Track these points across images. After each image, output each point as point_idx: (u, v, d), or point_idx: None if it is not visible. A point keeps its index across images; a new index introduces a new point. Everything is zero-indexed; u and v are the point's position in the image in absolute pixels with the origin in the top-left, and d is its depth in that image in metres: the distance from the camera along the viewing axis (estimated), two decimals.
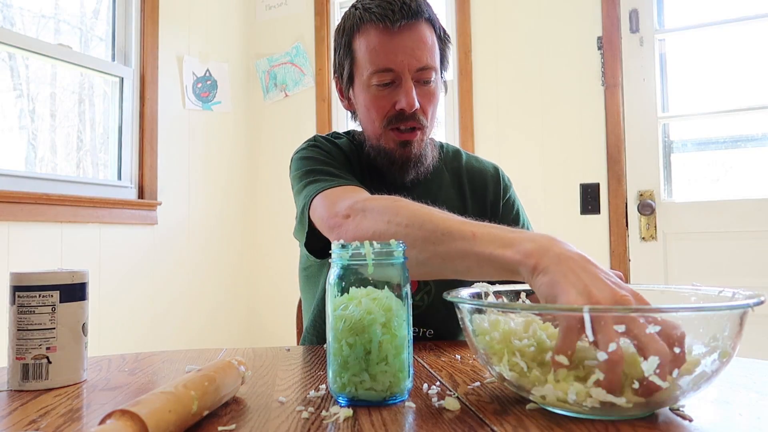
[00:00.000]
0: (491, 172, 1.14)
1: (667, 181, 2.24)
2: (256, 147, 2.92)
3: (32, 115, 2.16)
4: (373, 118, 0.99)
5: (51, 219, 1.95)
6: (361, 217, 0.79)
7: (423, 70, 0.96)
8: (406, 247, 0.59)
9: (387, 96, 0.97)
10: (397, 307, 0.56)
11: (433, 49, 0.98)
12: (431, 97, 0.99)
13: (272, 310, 2.82)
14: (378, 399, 0.56)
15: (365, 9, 0.97)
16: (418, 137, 0.99)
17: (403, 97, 0.95)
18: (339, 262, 0.58)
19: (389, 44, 0.94)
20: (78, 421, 0.53)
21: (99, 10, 2.39)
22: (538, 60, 2.40)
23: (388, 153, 1.00)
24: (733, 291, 0.56)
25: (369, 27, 0.96)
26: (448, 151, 1.16)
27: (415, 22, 0.95)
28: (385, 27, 0.94)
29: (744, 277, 2.05)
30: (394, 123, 0.98)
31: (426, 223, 0.72)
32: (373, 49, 0.95)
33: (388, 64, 0.94)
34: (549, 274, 0.57)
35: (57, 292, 0.66)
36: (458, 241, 0.68)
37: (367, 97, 0.99)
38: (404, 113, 0.96)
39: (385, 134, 0.99)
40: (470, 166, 1.14)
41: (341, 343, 0.56)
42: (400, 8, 0.93)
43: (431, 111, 1.00)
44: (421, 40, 0.95)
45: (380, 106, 0.97)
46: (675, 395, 0.49)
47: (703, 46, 2.24)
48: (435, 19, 0.99)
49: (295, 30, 2.84)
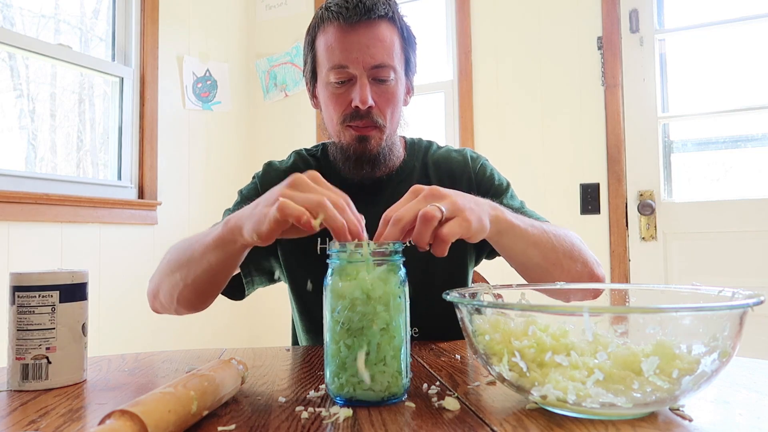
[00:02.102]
0: (457, 157, 1.11)
1: (667, 181, 2.24)
2: (256, 147, 2.92)
3: (32, 115, 2.16)
4: (331, 115, 1.00)
5: (51, 219, 1.95)
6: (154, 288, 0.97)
7: (378, 67, 0.95)
8: (404, 247, 0.59)
9: (343, 93, 0.97)
10: (394, 308, 0.56)
11: (392, 48, 0.96)
12: (389, 96, 0.97)
13: (272, 309, 2.82)
14: (376, 399, 0.55)
15: (326, 8, 0.97)
16: (377, 135, 0.98)
17: (357, 94, 0.94)
18: (336, 263, 0.58)
19: (343, 41, 0.94)
20: (78, 421, 0.53)
21: (99, 10, 2.39)
22: (538, 60, 2.40)
23: (344, 148, 1.00)
24: (733, 291, 0.56)
25: (327, 25, 0.96)
26: (419, 146, 1.14)
27: (372, 21, 0.94)
28: (341, 24, 0.94)
29: (744, 277, 2.05)
30: (350, 121, 0.97)
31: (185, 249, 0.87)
32: (330, 46, 0.96)
33: (342, 60, 0.94)
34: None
35: (57, 292, 0.66)
36: (195, 244, 0.83)
37: (326, 95, 0.99)
38: (359, 111, 0.95)
39: (344, 130, 0.99)
40: (437, 156, 1.11)
41: (339, 345, 0.56)
42: (355, 6, 0.93)
43: (389, 111, 0.98)
44: (376, 38, 0.94)
45: (337, 103, 0.98)
46: (674, 395, 0.49)
47: (703, 46, 2.24)
48: (398, 18, 0.98)
49: (295, 30, 2.84)
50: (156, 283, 0.95)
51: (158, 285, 0.94)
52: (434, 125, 2.62)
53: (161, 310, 1.00)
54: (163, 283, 0.92)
